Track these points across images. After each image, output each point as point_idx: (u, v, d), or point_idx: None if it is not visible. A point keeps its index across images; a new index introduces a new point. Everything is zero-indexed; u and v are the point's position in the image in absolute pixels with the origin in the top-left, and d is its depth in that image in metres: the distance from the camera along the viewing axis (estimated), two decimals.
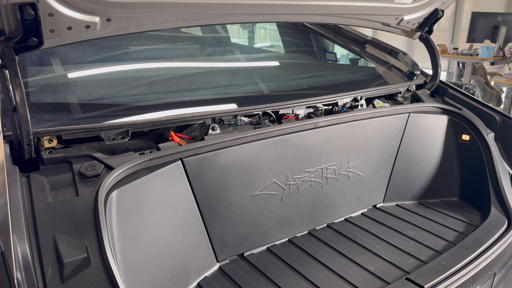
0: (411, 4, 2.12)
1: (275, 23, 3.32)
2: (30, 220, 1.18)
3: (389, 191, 2.31)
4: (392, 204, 2.33)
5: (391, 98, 2.39)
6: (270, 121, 1.92)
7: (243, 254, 1.86)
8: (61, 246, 1.14)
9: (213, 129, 1.74)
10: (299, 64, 3.05)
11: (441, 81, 2.51)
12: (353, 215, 2.20)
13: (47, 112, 1.71)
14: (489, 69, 6.97)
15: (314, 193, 2.00)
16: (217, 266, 1.78)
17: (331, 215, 2.11)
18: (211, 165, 1.65)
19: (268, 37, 6.12)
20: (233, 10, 1.68)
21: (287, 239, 1.98)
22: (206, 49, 2.77)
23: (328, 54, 3.06)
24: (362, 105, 2.20)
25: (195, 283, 1.67)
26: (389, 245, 1.94)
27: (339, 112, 2.09)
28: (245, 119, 1.86)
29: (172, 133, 1.68)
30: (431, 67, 2.51)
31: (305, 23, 2.96)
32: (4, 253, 1.00)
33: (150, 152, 1.53)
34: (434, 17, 2.30)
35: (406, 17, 2.24)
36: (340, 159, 2.03)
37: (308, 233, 2.04)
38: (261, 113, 1.90)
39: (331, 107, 2.12)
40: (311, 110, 2.05)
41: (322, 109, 2.08)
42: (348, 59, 3.25)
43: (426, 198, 2.35)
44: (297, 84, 2.57)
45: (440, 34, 9.65)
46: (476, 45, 6.96)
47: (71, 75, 2.05)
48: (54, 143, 1.48)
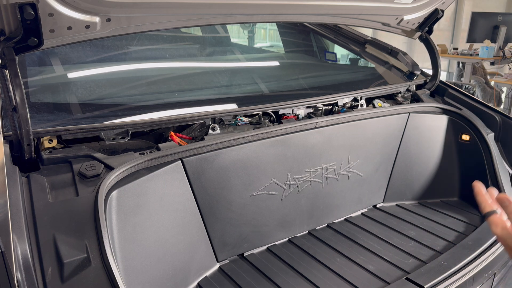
0: (411, 4, 2.12)
1: (275, 23, 3.32)
2: (30, 220, 1.18)
3: (389, 191, 2.31)
4: (392, 204, 2.33)
5: (391, 98, 2.39)
6: (270, 121, 1.92)
7: (243, 254, 1.86)
8: (61, 246, 1.14)
9: (213, 129, 1.74)
10: (299, 64, 3.05)
11: (441, 81, 2.51)
12: (353, 215, 2.20)
13: (47, 112, 1.71)
14: (489, 69, 6.97)
15: (314, 193, 2.00)
16: (217, 266, 1.78)
17: (331, 215, 2.11)
18: (211, 165, 1.65)
19: (268, 37, 6.11)
20: (233, 10, 1.68)
21: (287, 239, 1.98)
22: (206, 49, 2.77)
23: (328, 54, 3.06)
24: (362, 105, 2.20)
25: (195, 283, 1.67)
26: (389, 245, 1.94)
27: (339, 112, 2.09)
28: (245, 119, 1.86)
29: (172, 133, 1.68)
30: (431, 67, 2.51)
31: (305, 23, 2.96)
32: (4, 253, 1.00)
33: (150, 152, 1.53)
34: (434, 17, 2.30)
35: (406, 17, 2.24)
36: (340, 159, 2.03)
37: (308, 233, 2.04)
38: (261, 113, 1.90)
39: (331, 107, 2.12)
40: (311, 110, 2.05)
41: (322, 109, 2.08)
42: (348, 59, 3.25)
43: (426, 198, 2.35)
44: (297, 84, 2.57)
45: (440, 34, 9.65)
46: (476, 45, 6.96)
47: (71, 75, 2.05)
48: (54, 143, 1.48)
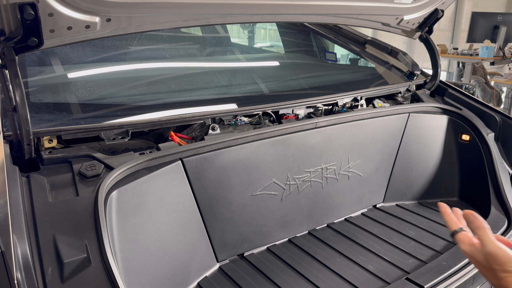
0: (411, 4, 2.12)
1: (275, 23, 3.32)
2: (30, 220, 1.18)
3: (389, 191, 2.31)
4: (392, 204, 2.33)
5: (391, 98, 2.39)
6: (270, 121, 1.92)
7: (243, 254, 1.86)
8: (61, 246, 1.14)
9: (213, 129, 1.74)
10: (299, 64, 3.05)
11: (441, 81, 2.51)
12: (353, 215, 2.20)
13: (47, 112, 1.71)
14: (489, 69, 6.97)
15: (314, 193, 2.00)
16: (217, 266, 1.78)
17: (331, 215, 2.11)
18: (211, 165, 1.65)
19: (268, 37, 6.11)
20: (233, 10, 1.68)
21: (287, 239, 1.98)
22: (206, 49, 2.77)
23: (328, 54, 3.06)
24: (362, 105, 2.20)
25: (195, 283, 1.67)
26: (389, 245, 1.94)
27: (339, 112, 2.09)
28: (245, 119, 1.86)
29: (172, 133, 1.68)
30: (431, 67, 2.51)
31: (305, 23, 2.96)
32: (4, 253, 1.00)
33: (150, 152, 1.53)
34: (434, 17, 2.30)
35: (406, 17, 2.24)
36: (340, 159, 2.03)
37: (308, 233, 2.04)
38: (261, 113, 1.90)
39: (331, 107, 2.12)
40: (311, 110, 2.05)
41: (322, 109, 2.08)
42: (348, 59, 3.25)
43: (426, 198, 2.35)
44: (297, 84, 2.57)
45: (440, 34, 9.65)
46: (476, 45, 6.96)
47: (71, 75, 2.05)
48: (54, 143, 1.48)
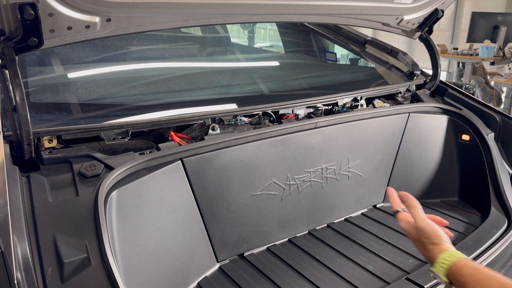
0: (411, 4, 2.12)
1: (275, 23, 3.31)
2: (30, 220, 1.18)
3: None
4: None
5: (391, 98, 2.39)
6: (270, 121, 1.92)
7: (243, 254, 1.86)
8: (61, 246, 1.14)
9: (213, 129, 1.74)
10: (299, 64, 3.05)
11: (441, 81, 2.51)
12: (353, 215, 2.20)
13: (47, 112, 1.71)
14: (489, 69, 6.97)
15: (314, 193, 2.00)
16: (217, 266, 1.78)
17: (331, 215, 2.11)
18: (211, 165, 1.65)
19: (268, 37, 6.11)
20: (233, 10, 1.68)
21: (287, 239, 1.98)
22: (206, 49, 2.77)
23: (328, 54, 3.06)
24: (362, 105, 2.20)
25: (195, 283, 1.67)
26: (389, 245, 1.94)
27: (339, 112, 2.09)
28: (245, 119, 1.86)
29: (172, 133, 1.68)
30: (431, 67, 2.51)
31: (305, 23, 2.96)
32: (4, 253, 1.00)
33: (150, 152, 1.53)
34: (434, 17, 2.30)
35: (406, 17, 2.24)
36: (340, 159, 2.03)
37: (308, 233, 2.03)
38: (261, 113, 1.90)
39: (331, 107, 2.12)
40: (311, 110, 2.05)
41: (322, 109, 2.08)
42: (348, 59, 3.25)
43: (426, 198, 2.35)
44: (297, 84, 2.57)
45: (440, 34, 9.65)
46: (476, 45, 6.96)
47: (71, 75, 2.05)
48: (54, 143, 1.48)
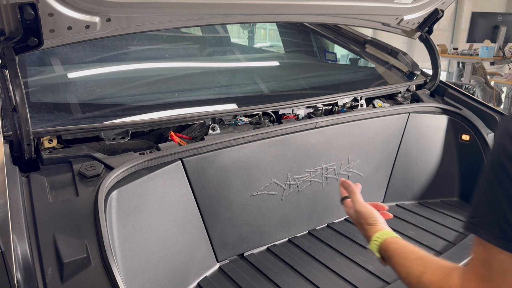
0: (411, 4, 2.12)
1: (275, 23, 3.31)
2: (30, 220, 1.18)
3: (389, 191, 2.31)
4: (392, 204, 2.32)
5: (391, 98, 2.39)
6: (270, 121, 1.92)
7: (243, 254, 1.85)
8: (61, 246, 1.14)
9: (213, 129, 1.74)
10: (299, 64, 3.05)
11: (441, 81, 2.51)
12: None
13: (47, 112, 1.71)
14: (489, 69, 6.97)
15: (314, 193, 2.00)
16: (217, 266, 1.78)
17: (331, 215, 2.11)
18: (211, 165, 1.65)
19: (268, 37, 6.12)
20: (233, 10, 1.68)
21: (287, 239, 1.98)
22: (206, 49, 2.77)
23: (328, 54, 3.06)
24: (362, 105, 2.20)
25: (195, 283, 1.67)
26: None
27: (339, 112, 2.09)
28: (245, 119, 1.86)
29: (172, 133, 1.68)
30: (431, 67, 2.51)
31: (305, 23, 2.96)
32: (4, 253, 1.00)
33: (150, 152, 1.53)
34: (434, 17, 2.30)
35: (406, 17, 2.24)
36: (340, 159, 2.03)
37: (308, 233, 2.03)
38: (261, 113, 1.90)
39: (331, 107, 2.12)
40: (311, 110, 2.05)
41: (322, 109, 2.07)
42: (348, 59, 3.25)
43: (426, 198, 2.35)
44: (297, 84, 2.57)
45: (440, 34, 9.65)
46: (476, 45, 6.96)
47: (71, 75, 2.05)
48: (54, 143, 1.48)
